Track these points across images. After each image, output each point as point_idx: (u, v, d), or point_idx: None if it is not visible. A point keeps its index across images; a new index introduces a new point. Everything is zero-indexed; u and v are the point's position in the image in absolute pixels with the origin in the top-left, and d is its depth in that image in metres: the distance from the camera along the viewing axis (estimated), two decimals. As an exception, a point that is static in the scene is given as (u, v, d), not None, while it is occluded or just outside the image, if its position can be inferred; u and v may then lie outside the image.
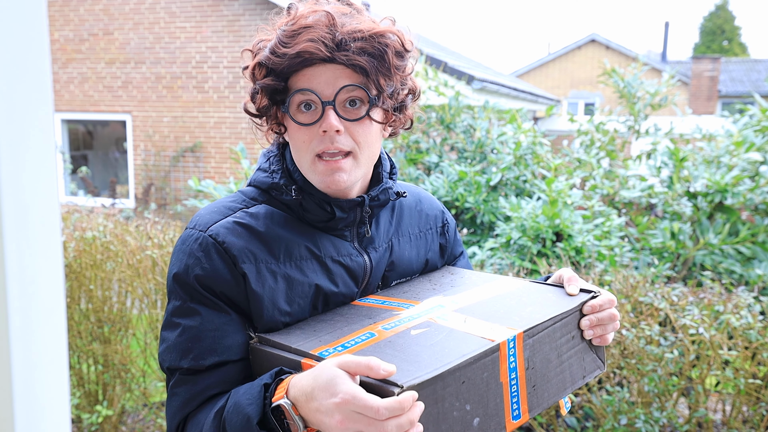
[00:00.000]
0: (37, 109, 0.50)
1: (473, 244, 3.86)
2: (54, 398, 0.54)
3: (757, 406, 2.66)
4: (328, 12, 1.00)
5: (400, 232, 1.21)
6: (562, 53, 24.53)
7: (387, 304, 1.08)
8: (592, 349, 1.09)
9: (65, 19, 9.40)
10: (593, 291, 1.10)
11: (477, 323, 0.98)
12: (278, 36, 1.02)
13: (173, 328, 1.02)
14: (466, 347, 0.89)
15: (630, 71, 5.43)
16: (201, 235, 1.03)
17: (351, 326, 0.99)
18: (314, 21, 1.00)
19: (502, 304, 1.06)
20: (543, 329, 0.99)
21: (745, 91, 23.15)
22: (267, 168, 1.12)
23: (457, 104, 4.64)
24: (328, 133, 1.01)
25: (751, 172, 3.84)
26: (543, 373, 0.99)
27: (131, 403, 3.72)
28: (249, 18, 8.55)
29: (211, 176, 8.91)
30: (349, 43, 0.99)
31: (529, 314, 1.01)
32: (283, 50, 1.00)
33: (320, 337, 0.96)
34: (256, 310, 1.02)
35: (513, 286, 1.15)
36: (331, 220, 1.09)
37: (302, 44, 0.99)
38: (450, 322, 0.98)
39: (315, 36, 0.99)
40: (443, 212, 1.33)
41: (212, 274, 1.00)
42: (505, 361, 0.92)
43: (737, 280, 3.56)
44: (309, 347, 0.93)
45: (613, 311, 1.08)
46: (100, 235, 3.54)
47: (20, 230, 0.49)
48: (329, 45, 0.99)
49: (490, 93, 9.55)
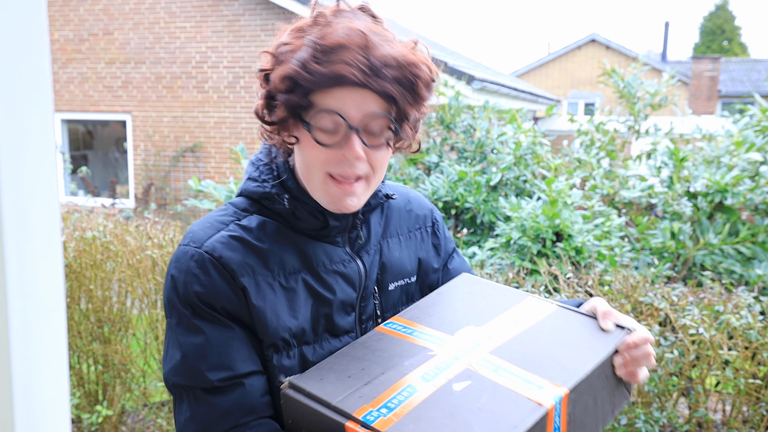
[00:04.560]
0: (37, 109, 0.50)
1: (473, 244, 3.86)
2: (54, 398, 0.53)
3: (757, 406, 2.66)
4: (363, 32, 0.95)
5: (389, 233, 1.20)
6: (562, 53, 24.53)
7: (417, 337, 1.04)
8: (621, 383, 1.06)
9: (65, 19, 9.40)
10: (627, 327, 1.05)
11: (519, 374, 0.95)
12: (311, 50, 0.95)
13: (178, 347, 1.00)
14: (516, 416, 0.87)
15: (630, 71, 5.43)
16: (197, 252, 1.01)
17: (387, 372, 0.95)
18: (348, 40, 0.95)
19: (538, 342, 1.02)
20: (585, 380, 0.96)
21: (745, 91, 23.16)
22: (257, 177, 1.09)
23: (457, 104, 4.64)
24: (350, 159, 0.99)
25: (751, 172, 3.84)
26: (581, 422, 0.97)
27: (131, 403, 3.72)
28: (249, 18, 8.55)
29: (211, 176, 8.91)
30: (383, 70, 0.95)
31: (570, 363, 0.97)
32: (317, 68, 0.94)
33: (358, 389, 0.92)
34: (260, 324, 1.00)
35: (543, 312, 1.10)
36: (324, 229, 1.08)
37: (338, 65, 0.94)
38: (490, 371, 0.95)
39: (351, 59, 0.94)
40: (432, 211, 1.32)
41: (212, 290, 0.99)
42: (552, 423, 0.90)
43: (737, 280, 3.56)
44: (351, 406, 0.90)
45: (648, 349, 1.03)
46: (100, 235, 3.54)
47: (20, 230, 0.49)
48: (364, 71, 0.94)
49: (490, 93, 9.55)
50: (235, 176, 7.92)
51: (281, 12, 8.31)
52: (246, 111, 8.74)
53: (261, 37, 8.50)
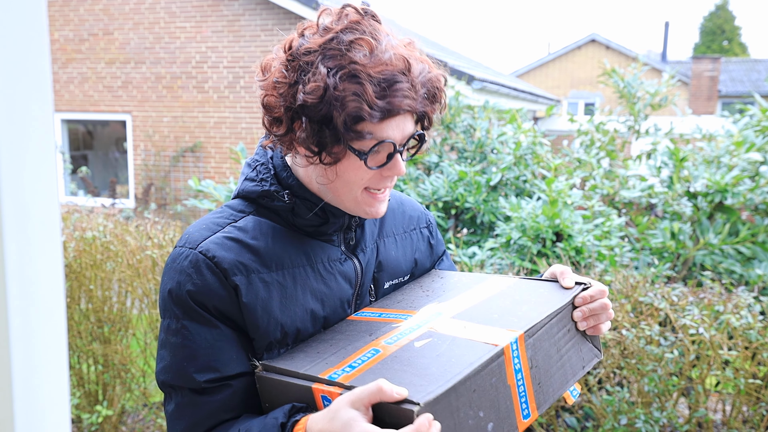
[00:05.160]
0: (37, 109, 0.50)
1: (473, 244, 3.86)
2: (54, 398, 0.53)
3: (757, 406, 2.66)
4: (405, 57, 0.97)
5: (385, 233, 1.23)
6: (562, 53, 24.53)
7: (384, 317, 1.09)
8: (588, 339, 1.11)
9: (65, 19, 9.40)
10: (584, 283, 1.11)
11: (477, 328, 0.99)
12: (372, 86, 0.93)
13: (168, 347, 1.03)
14: (472, 355, 0.91)
15: (630, 71, 5.43)
16: (191, 252, 1.03)
17: (354, 344, 1.00)
18: (394, 65, 0.95)
19: (498, 305, 1.07)
20: (541, 327, 1.00)
21: (745, 91, 23.15)
22: (255, 177, 1.12)
23: (457, 104, 4.64)
24: (393, 176, 1.05)
25: (751, 172, 3.84)
26: (546, 370, 1.01)
27: (131, 403, 3.72)
28: (249, 18, 8.55)
29: (211, 176, 8.91)
30: (420, 92, 0.99)
31: (525, 313, 1.02)
32: (379, 104, 0.94)
33: (325, 359, 0.97)
34: (251, 322, 1.02)
35: (504, 284, 1.16)
36: (323, 225, 1.10)
37: (398, 100, 0.95)
38: (450, 329, 1.00)
39: (406, 90, 0.96)
40: (425, 213, 1.37)
41: (204, 290, 1.01)
42: (511, 364, 0.94)
43: (737, 280, 3.56)
44: (317, 371, 0.93)
45: (605, 301, 1.09)
46: (100, 235, 3.54)
47: (20, 230, 0.49)
48: (413, 98, 0.97)
49: (490, 93, 9.55)
50: (234, 176, 7.92)
51: (281, 12, 8.31)
52: (246, 111, 8.74)
53: (261, 37, 8.50)
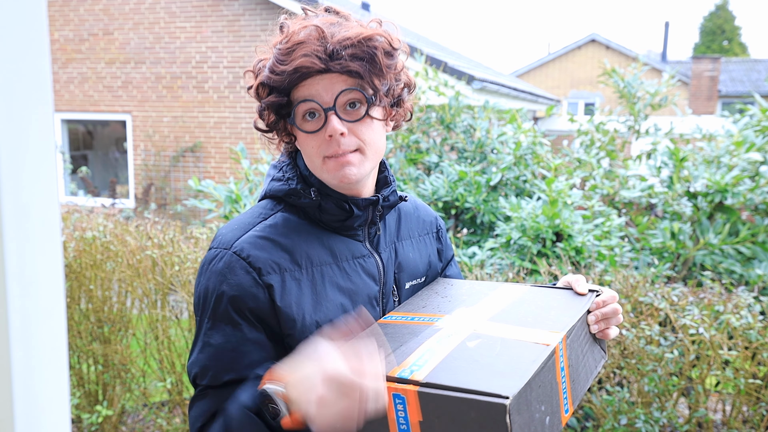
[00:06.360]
0: (37, 109, 0.50)
1: (473, 244, 3.86)
2: (54, 398, 0.53)
3: (757, 406, 2.66)
4: (317, 26, 1.07)
5: (402, 235, 1.28)
6: (562, 53, 24.52)
7: (417, 320, 1.13)
8: (597, 342, 1.20)
9: (65, 19, 9.40)
10: (596, 290, 1.19)
11: (519, 330, 1.05)
12: (275, 55, 1.09)
13: (199, 345, 1.07)
14: (531, 354, 0.97)
15: (630, 71, 5.43)
16: (225, 253, 1.07)
17: (404, 345, 1.03)
18: (306, 36, 1.06)
19: (526, 309, 1.13)
20: (574, 329, 1.08)
21: (745, 91, 23.14)
22: (281, 177, 1.17)
23: (457, 104, 4.64)
24: (334, 137, 1.07)
25: (751, 172, 3.84)
26: (576, 369, 1.08)
27: (131, 403, 3.72)
28: (249, 18, 8.55)
29: (211, 176, 8.91)
30: (341, 52, 1.05)
31: (557, 317, 1.10)
32: (281, 68, 1.07)
33: (384, 359, 0.98)
34: (288, 318, 1.06)
35: (520, 291, 1.23)
36: (348, 219, 1.14)
37: (298, 60, 1.05)
38: (494, 331, 1.05)
39: (308, 50, 1.05)
40: (437, 218, 1.42)
41: (239, 291, 1.04)
42: (558, 363, 1.01)
43: (737, 280, 3.55)
44: (385, 370, 0.95)
45: (616, 306, 1.17)
46: (100, 235, 3.54)
47: (20, 230, 0.49)
48: (322, 57, 1.05)
49: (490, 93, 9.55)
50: (235, 176, 7.91)
51: (281, 12, 8.29)
52: (246, 111, 8.74)
53: (261, 37, 8.48)
